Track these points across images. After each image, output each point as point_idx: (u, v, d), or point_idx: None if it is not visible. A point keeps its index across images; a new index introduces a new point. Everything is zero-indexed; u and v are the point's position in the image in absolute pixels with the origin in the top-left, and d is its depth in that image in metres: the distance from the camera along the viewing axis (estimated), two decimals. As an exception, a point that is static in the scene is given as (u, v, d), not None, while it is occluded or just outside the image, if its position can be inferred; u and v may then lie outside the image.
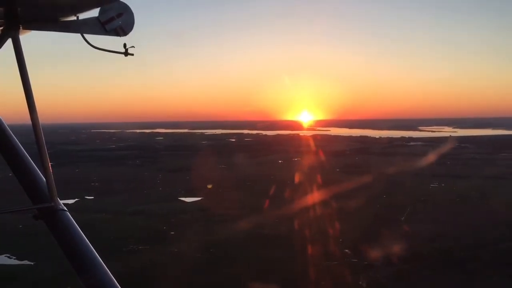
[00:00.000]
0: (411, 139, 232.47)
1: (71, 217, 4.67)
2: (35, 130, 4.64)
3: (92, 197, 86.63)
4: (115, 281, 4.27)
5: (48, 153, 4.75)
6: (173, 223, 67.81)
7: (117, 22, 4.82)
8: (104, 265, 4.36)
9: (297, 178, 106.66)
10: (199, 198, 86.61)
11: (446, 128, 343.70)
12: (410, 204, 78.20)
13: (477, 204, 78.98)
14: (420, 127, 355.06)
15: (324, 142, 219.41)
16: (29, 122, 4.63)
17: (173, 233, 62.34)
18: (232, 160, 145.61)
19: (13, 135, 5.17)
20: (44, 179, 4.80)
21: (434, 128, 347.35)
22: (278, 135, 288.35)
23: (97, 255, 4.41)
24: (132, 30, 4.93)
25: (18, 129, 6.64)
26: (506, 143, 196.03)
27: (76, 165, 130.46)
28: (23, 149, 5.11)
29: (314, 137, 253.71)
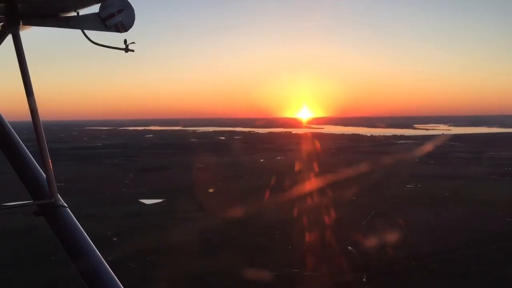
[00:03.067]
0: (402, 137, 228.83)
1: (71, 214, 4.69)
2: (35, 126, 4.64)
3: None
4: (116, 278, 4.24)
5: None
6: (122, 227, 64.37)
7: (118, 18, 4.73)
8: (104, 261, 4.33)
9: (272, 178, 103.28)
10: (161, 200, 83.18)
11: (441, 126, 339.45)
12: (377, 207, 74.71)
13: (448, 207, 75.45)
14: (415, 125, 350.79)
15: (313, 140, 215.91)
16: (29, 118, 4.61)
17: (115, 239, 58.87)
18: (212, 159, 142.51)
19: (13, 132, 5.15)
20: (44, 175, 4.80)
21: (429, 126, 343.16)
22: (270, 133, 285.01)
23: (97, 251, 4.38)
24: (133, 27, 4.85)
25: (19, 126, 6.64)
26: (497, 141, 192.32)
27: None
28: (23, 146, 5.11)
29: (305, 135, 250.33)
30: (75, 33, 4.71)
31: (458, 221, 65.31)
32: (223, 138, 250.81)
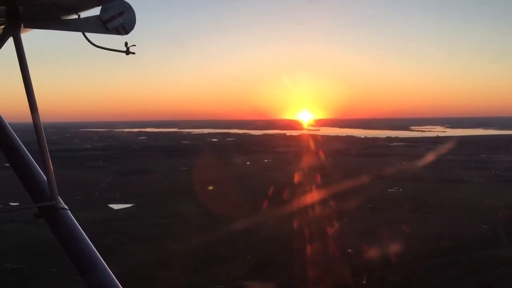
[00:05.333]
0: (396, 139, 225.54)
1: (72, 216, 4.70)
2: (36, 128, 4.68)
3: (17, 204, 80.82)
4: (116, 280, 4.19)
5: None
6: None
7: (119, 20, 4.76)
8: (105, 264, 4.31)
9: (254, 182, 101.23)
10: (131, 205, 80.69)
11: (438, 128, 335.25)
12: (351, 212, 72.07)
13: (425, 213, 72.72)
14: (412, 127, 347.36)
15: (305, 142, 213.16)
16: (30, 121, 4.63)
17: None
18: (198, 161, 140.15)
19: (14, 134, 5.14)
20: (45, 177, 4.79)
21: (426, 128, 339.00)
22: (264, 135, 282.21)
23: (98, 254, 4.36)
24: (134, 29, 4.85)
25: (19, 128, 6.89)
26: (491, 143, 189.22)
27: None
28: (24, 148, 5.10)
29: (299, 137, 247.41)
30: (76, 36, 4.67)
31: (431, 228, 62.60)
32: (215, 140, 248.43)
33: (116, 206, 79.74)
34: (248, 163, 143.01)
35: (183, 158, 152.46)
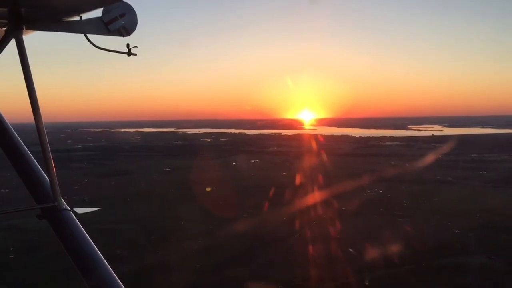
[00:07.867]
0: (390, 138, 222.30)
1: (74, 217, 4.65)
2: (38, 130, 4.70)
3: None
4: (119, 281, 4.20)
5: None
6: (31, 242, 58.96)
7: (120, 22, 4.78)
8: (108, 264, 4.29)
9: (233, 185, 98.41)
10: (96, 209, 78.22)
11: (435, 127, 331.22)
12: (322, 216, 69.32)
13: (398, 216, 69.86)
14: (409, 126, 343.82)
15: (298, 142, 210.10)
16: (32, 122, 4.58)
17: (12, 256, 53.97)
18: (184, 162, 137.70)
19: (17, 136, 5.15)
20: (47, 179, 4.80)
21: (423, 127, 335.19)
22: (259, 134, 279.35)
23: (101, 254, 4.38)
24: (135, 31, 4.86)
25: (21, 129, 6.72)
26: (485, 143, 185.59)
27: (8, 169, 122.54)
28: (27, 150, 5.12)
29: (293, 137, 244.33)
30: (78, 37, 4.70)
31: (399, 234, 59.51)
32: (208, 140, 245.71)
33: (80, 210, 76.96)
34: (234, 163, 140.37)
35: (169, 159, 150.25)
